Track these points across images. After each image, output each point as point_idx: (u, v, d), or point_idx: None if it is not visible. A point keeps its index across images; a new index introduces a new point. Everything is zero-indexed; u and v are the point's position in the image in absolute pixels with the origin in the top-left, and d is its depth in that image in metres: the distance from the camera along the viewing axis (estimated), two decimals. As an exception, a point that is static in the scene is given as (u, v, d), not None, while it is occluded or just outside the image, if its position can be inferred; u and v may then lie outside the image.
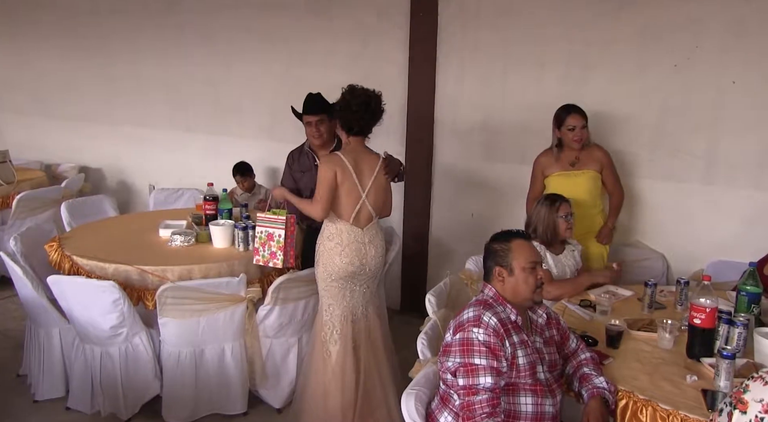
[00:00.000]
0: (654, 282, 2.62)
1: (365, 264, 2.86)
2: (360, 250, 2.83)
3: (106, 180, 5.76)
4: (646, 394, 1.94)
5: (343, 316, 2.87)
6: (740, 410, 1.33)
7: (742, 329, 2.15)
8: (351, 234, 2.82)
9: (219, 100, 4.99)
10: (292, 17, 4.47)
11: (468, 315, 1.96)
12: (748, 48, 3.11)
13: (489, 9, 3.76)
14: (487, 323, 1.91)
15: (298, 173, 3.42)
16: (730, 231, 3.03)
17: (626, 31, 3.38)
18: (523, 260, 2.03)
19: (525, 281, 2.01)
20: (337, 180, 2.76)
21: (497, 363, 1.87)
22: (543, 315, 2.11)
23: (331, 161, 2.80)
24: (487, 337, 1.89)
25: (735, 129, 3.21)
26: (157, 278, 2.90)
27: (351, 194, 2.80)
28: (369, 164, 2.85)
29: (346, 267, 2.81)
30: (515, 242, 2.06)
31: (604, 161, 3.26)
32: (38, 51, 5.92)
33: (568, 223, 2.94)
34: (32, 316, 3.16)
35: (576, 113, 3.21)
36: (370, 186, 2.84)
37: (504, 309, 2.00)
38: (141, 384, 2.92)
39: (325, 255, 2.84)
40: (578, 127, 3.19)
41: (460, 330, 1.93)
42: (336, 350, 2.87)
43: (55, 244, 3.25)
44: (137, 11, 5.20)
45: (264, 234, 2.91)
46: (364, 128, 2.83)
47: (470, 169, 3.97)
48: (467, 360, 1.88)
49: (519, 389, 1.93)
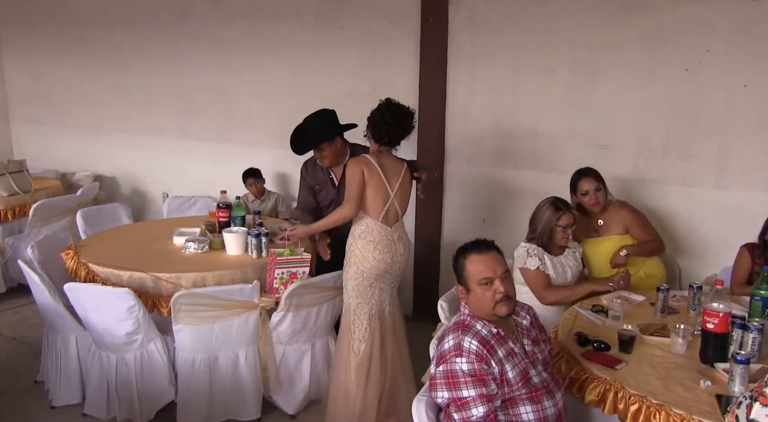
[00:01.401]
0: (666, 287, 2.61)
1: (395, 261, 2.94)
2: (391, 247, 2.91)
3: (120, 188, 5.82)
4: (660, 399, 1.93)
5: (371, 315, 2.94)
6: (761, 402, 1.32)
7: (756, 334, 2.13)
8: (382, 232, 2.90)
9: (230, 108, 5.03)
10: (302, 26, 4.50)
11: (448, 344, 1.91)
12: (758, 51, 3.10)
13: (498, 15, 3.78)
14: (468, 349, 1.86)
15: (315, 187, 3.44)
16: (743, 235, 3.01)
17: (635, 35, 3.38)
18: (477, 275, 1.97)
19: (482, 297, 1.95)
20: (365, 177, 2.85)
21: (486, 389, 1.83)
22: (526, 316, 2.10)
23: (358, 161, 2.89)
24: (471, 365, 1.84)
25: (747, 132, 3.20)
26: (172, 285, 2.92)
27: (379, 192, 2.88)
28: (395, 168, 2.96)
29: (378, 265, 2.89)
30: (469, 258, 2.00)
31: (629, 220, 3.11)
32: (53, 62, 6.01)
33: (565, 233, 2.91)
34: (49, 323, 3.19)
35: (588, 176, 3.11)
36: (397, 187, 2.93)
37: (484, 325, 1.96)
38: (156, 390, 2.95)
39: (358, 254, 2.91)
40: (591, 190, 3.08)
41: (443, 361, 1.89)
42: (363, 348, 2.93)
43: (71, 252, 3.29)
44: (150, 22, 5.27)
45: (286, 274, 2.98)
46: (393, 140, 2.93)
47: (481, 175, 3.98)
48: (456, 395, 1.84)
49: (516, 401, 1.91)
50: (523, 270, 2.91)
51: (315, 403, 3.22)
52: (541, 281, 2.88)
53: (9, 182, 4.67)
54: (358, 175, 2.85)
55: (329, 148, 3.25)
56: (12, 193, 4.67)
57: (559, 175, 3.69)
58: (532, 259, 2.88)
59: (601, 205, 3.12)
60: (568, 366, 2.23)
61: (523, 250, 2.93)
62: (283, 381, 3.08)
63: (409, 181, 3.01)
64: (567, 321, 2.54)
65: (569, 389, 2.17)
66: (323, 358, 3.20)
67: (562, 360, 2.28)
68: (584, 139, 3.63)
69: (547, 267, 2.90)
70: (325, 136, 3.21)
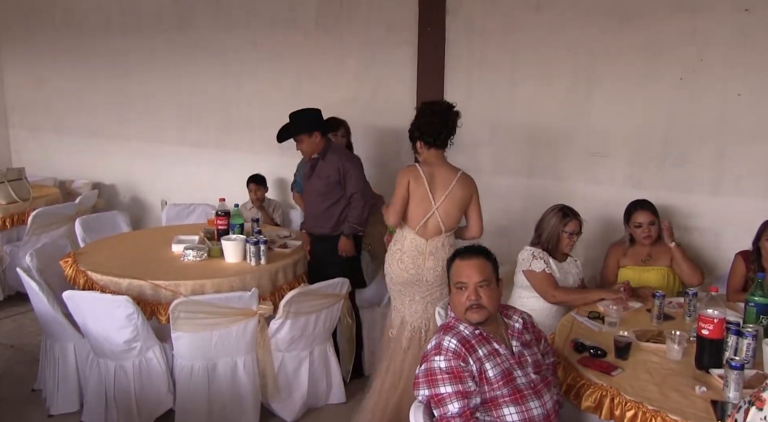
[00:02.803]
0: (662, 294, 2.63)
1: (422, 274, 2.92)
2: (417, 260, 2.92)
3: (119, 196, 5.83)
4: (656, 405, 1.94)
5: (402, 321, 3.01)
6: (757, 407, 1.35)
7: (751, 340, 2.15)
8: (413, 243, 2.93)
9: (230, 115, 5.05)
10: (302, 34, 4.54)
11: (431, 344, 2.00)
12: (752, 60, 3.14)
13: (496, 23, 3.81)
14: (446, 348, 1.93)
15: (300, 179, 3.65)
16: (738, 242, 3.03)
17: (631, 44, 3.42)
18: (454, 278, 2.08)
19: (457, 301, 2.05)
20: (410, 187, 2.88)
21: (462, 385, 1.89)
22: (519, 319, 2.12)
23: (408, 170, 2.94)
24: (448, 363, 1.91)
25: (741, 140, 3.23)
26: (171, 292, 2.93)
27: (421, 205, 2.90)
28: (446, 178, 2.92)
29: (401, 274, 2.95)
30: (455, 262, 2.11)
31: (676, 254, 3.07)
32: (52, 69, 6.03)
33: (571, 240, 2.94)
34: (48, 331, 3.19)
35: (643, 209, 3.08)
36: (444, 199, 2.90)
37: (466, 326, 2.02)
38: (154, 398, 2.94)
39: (388, 260, 3.02)
40: (645, 223, 3.06)
41: (425, 360, 1.97)
42: (391, 348, 3.02)
43: (70, 260, 3.30)
44: (150, 29, 5.30)
45: None
46: (442, 141, 2.93)
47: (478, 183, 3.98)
48: (434, 392, 1.90)
49: (499, 403, 1.94)
50: (528, 273, 2.92)
51: (313, 410, 3.23)
52: (549, 281, 2.89)
53: (8, 190, 4.68)
54: (404, 185, 2.88)
55: (307, 141, 3.37)
56: (11, 200, 4.68)
57: (557, 182, 3.73)
58: (538, 262, 2.90)
59: (652, 238, 3.09)
60: (564, 373, 2.24)
61: (528, 253, 2.94)
62: (281, 389, 3.08)
63: (462, 191, 2.92)
64: (564, 327, 2.56)
65: (566, 395, 2.18)
66: (322, 365, 3.21)
67: (559, 367, 2.28)
68: (581, 147, 3.65)
69: (553, 270, 2.92)
70: (304, 129, 3.36)
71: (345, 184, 3.34)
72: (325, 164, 3.36)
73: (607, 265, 3.23)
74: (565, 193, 3.46)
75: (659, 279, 3.08)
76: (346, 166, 3.35)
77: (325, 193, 3.36)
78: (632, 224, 3.12)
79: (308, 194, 3.50)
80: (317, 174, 3.38)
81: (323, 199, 3.37)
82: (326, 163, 3.36)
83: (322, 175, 3.36)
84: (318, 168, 3.38)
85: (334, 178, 3.34)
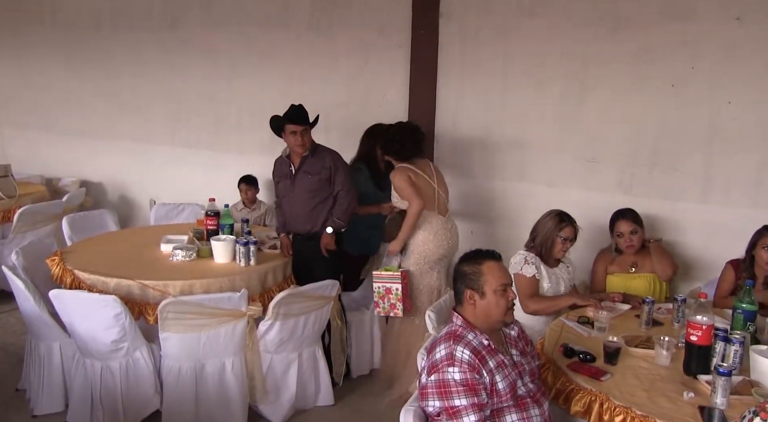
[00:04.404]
0: (651, 300, 2.65)
1: (451, 246, 3.43)
2: (446, 235, 3.41)
3: (107, 194, 5.77)
4: (644, 410, 1.96)
5: (432, 293, 3.40)
6: (761, 418, 1.36)
7: (738, 346, 2.17)
8: (439, 222, 3.40)
9: (220, 115, 5.02)
10: (294, 34, 4.52)
11: (440, 353, 1.93)
12: (741, 69, 3.18)
13: (488, 27, 3.82)
14: (460, 359, 1.88)
15: (277, 179, 3.51)
16: (727, 250, 3.06)
17: (623, 51, 3.45)
18: (495, 282, 2.00)
19: (497, 304, 2.00)
20: (413, 179, 3.36)
21: (477, 398, 1.86)
22: (514, 327, 2.13)
23: (401, 170, 3.41)
24: (463, 375, 1.87)
25: (731, 148, 3.26)
26: (159, 293, 2.91)
27: (427, 188, 3.41)
28: (425, 164, 3.51)
29: (437, 251, 3.37)
30: (486, 264, 2.03)
31: (663, 263, 3.11)
32: (40, 65, 5.96)
33: (564, 246, 2.97)
34: (33, 330, 3.15)
35: (624, 219, 3.12)
36: (435, 179, 3.47)
37: (475, 336, 1.97)
38: (141, 399, 2.91)
39: (420, 244, 3.37)
40: (627, 233, 3.10)
41: (435, 371, 1.90)
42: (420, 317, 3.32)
43: (56, 259, 3.26)
44: (140, 26, 5.25)
45: (382, 289, 3.33)
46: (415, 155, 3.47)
47: (470, 186, 4.01)
48: (447, 404, 1.86)
49: (503, 411, 1.93)
50: (517, 276, 2.93)
51: (301, 413, 3.21)
52: (531, 289, 2.91)
53: (-7, 187, 4.62)
54: (407, 179, 3.35)
55: (309, 134, 3.34)
56: (-4, 197, 4.62)
57: (547, 187, 3.75)
58: (529, 267, 2.91)
59: (635, 248, 3.13)
60: (554, 378, 2.25)
61: (521, 257, 2.96)
62: (269, 391, 3.06)
63: (438, 171, 3.54)
64: (553, 332, 2.56)
65: (555, 400, 2.19)
66: (310, 367, 3.19)
67: (548, 372, 2.29)
68: (572, 152, 3.68)
69: (543, 277, 2.94)
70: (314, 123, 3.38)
71: (334, 180, 3.35)
72: (315, 161, 3.34)
73: (595, 272, 3.26)
74: (556, 198, 3.47)
75: (646, 286, 3.12)
76: (336, 163, 3.37)
77: (316, 190, 3.34)
78: (615, 233, 3.17)
79: (295, 193, 3.39)
80: (306, 170, 3.34)
81: (312, 196, 3.34)
82: (316, 160, 3.34)
83: (313, 171, 3.33)
84: (307, 165, 3.34)
85: (325, 175, 3.34)
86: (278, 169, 3.51)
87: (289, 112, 3.30)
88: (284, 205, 3.48)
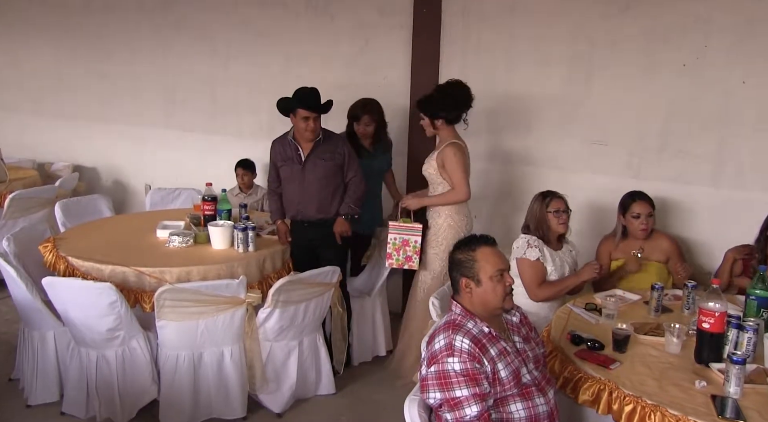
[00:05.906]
0: (661, 286, 2.60)
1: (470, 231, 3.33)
2: (470, 218, 3.40)
3: (101, 179, 5.69)
4: (654, 399, 1.92)
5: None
6: None
7: (752, 334, 2.13)
8: (467, 207, 3.36)
9: (216, 98, 4.93)
10: (292, 15, 4.42)
11: (439, 344, 1.88)
12: (757, 47, 3.09)
13: (493, 7, 3.73)
14: (460, 349, 1.84)
15: (280, 163, 3.35)
16: (739, 234, 3.00)
17: (632, 30, 3.36)
18: (490, 269, 1.95)
19: (493, 290, 1.95)
20: (467, 163, 3.29)
21: (479, 388, 1.81)
22: (516, 313, 2.08)
23: (459, 149, 3.25)
24: (463, 365, 1.82)
25: (744, 130, 3.18)
26: (155, 280, 2.87)
27: (469, 171, 3.34)
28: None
29: (456, 238, 3.12)
30: (480, 250, 1.98)
31: (670, 251, 3.09)
32: (30, 48, 5.84)
33: (559, 219, 2.90)
34: (26, 319, 3.10)
35: (642, 200, 3.07)
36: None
37: (475, 324, 1.93)
38: (138, 388, 2.88)
39: (450, 231, 3.27)
40: (644, 214, 3.04)
41: (434, 362, 1.86)
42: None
43: (49, 245, 3.21)
44: (133, 8, 5.14)
45: (399, 240, 3.21)
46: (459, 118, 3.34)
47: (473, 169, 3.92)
48: (448, 395, 1.82)
49: (508, 399, 1.89)
50: (520, 260, 2.87)
51: (302, 402, 3.18)
52: (537, 275, 2.85)
53: (-17, 172, 4.54)
54: (464, 159, 3.25)
55: (319, 119, 3.25)
56: (-13, 182, 4.54)
57: (553, 170, 3.69)
58: (533, 250, 2.86)
59: (648, 231, 3.08)
60: (561, 366, 2.21)
61: (524, 241, 2.90)
62: (269, 379, 3.02)
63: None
64: (560, 319, 2.52)
65: (563, 389, 2.16)
66: (311, 356, 3.16)
67: (555, 360, 2.26)
68: (579, 134, 3.60)
69: (547, 259, 2.88)
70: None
71: (348, 166, 3.32)
72: (327, 146, 3.27)
73: (599, 259, 3.20)
74: (562, 182, 3.40)
75: (653, 276, 3.03)
76: (348, 149, 3.36)
77: (331, 176, 3.28)
78: (629, 215, 3.09)
79: (306, 179, 3.27)
80: (319, 155, 3.25)
81: (327, 182, 3.27)
82: (329, 145, 3.28)
83: (327, 157, 3.26)
84: (320, 150, 3.25)
85: (338, 161, 3.29)
86: (280, 151, 3.33)
87: (303, 96, 3.18)
88: (291, 192, 3.33)
